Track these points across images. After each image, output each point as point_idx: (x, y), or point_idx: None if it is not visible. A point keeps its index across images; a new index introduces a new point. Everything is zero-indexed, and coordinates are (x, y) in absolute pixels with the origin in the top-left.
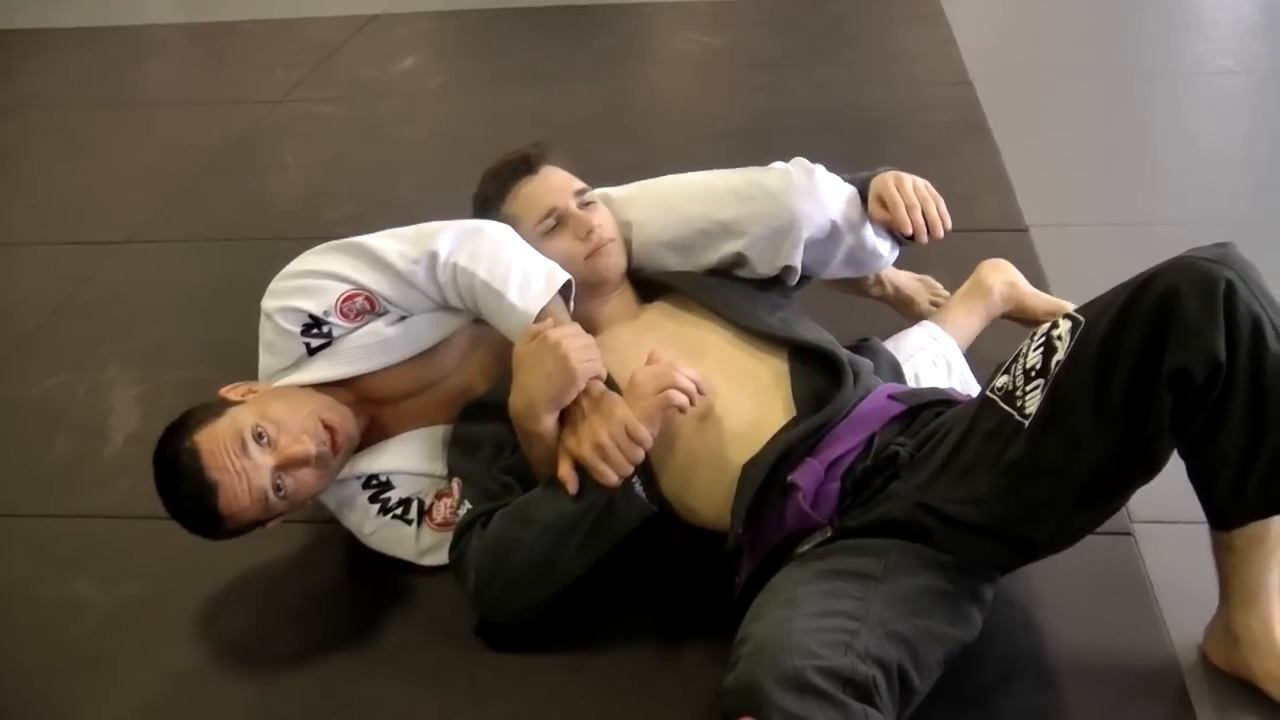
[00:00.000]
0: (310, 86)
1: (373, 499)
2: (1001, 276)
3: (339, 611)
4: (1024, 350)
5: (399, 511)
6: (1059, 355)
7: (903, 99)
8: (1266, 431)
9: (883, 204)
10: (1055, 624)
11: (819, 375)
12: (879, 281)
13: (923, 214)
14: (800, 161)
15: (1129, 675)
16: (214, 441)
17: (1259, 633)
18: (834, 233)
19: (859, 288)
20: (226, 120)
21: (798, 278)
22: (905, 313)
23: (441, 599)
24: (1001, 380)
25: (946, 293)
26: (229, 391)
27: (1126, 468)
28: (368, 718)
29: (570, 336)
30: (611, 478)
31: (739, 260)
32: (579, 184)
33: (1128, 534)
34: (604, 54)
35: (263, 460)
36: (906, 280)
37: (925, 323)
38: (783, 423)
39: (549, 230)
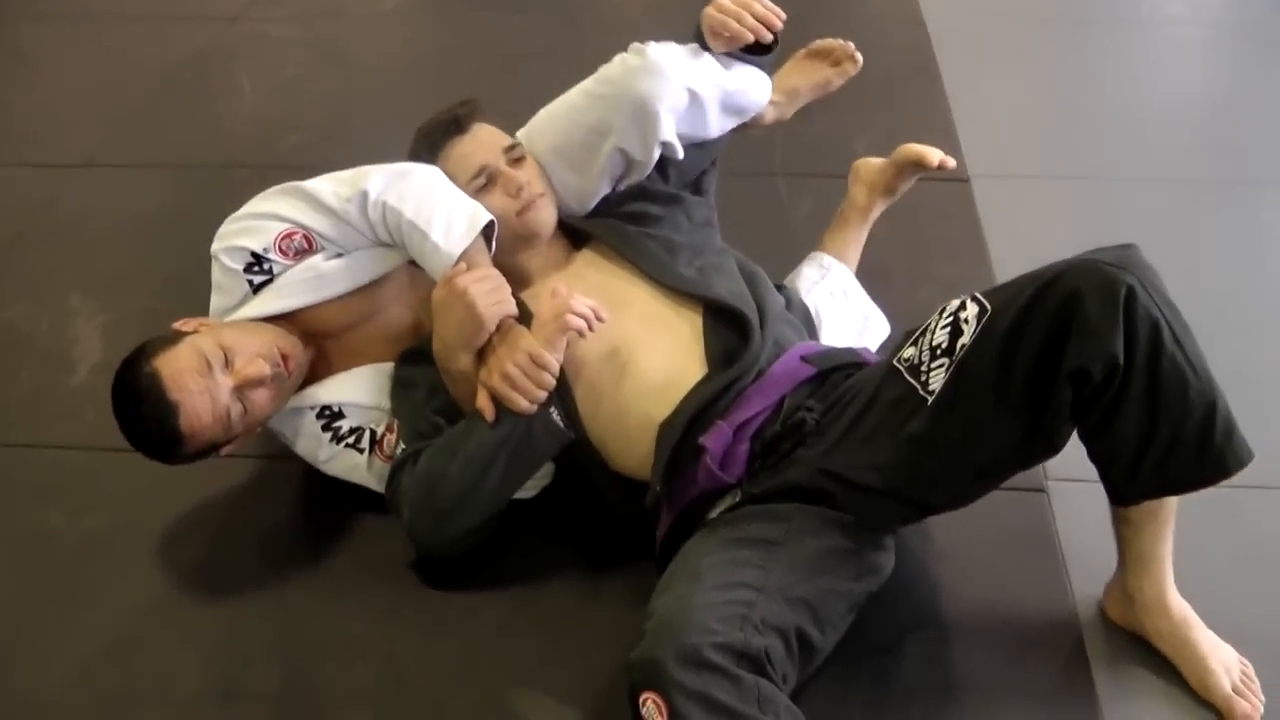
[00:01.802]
0: (265, 5)
1: (325, 428)
2: (856, 185)
3: (295, 547)
4: (932, 326)
5: (351, 440)
6: (964, 339)
7: (854, 38)
8: (1160, 424)
9: (715, 35)
10: (965, 576)
11: (730, 332)
12: (773, 104)
13: (753, 17)
14: (634, 45)
15: (1031, 626)
16: (174, 365)
17: (1151, 596)
18: (694, 98)
19: (757, 124)
20: (181, 38)
21: (678, 149)
22: (826, 94)
23: (390, 537)
24: (909, 352)
25: (842, 42)
26: (183, 325)
27: (1025, 449)
28: (324, 648)
29: (478, 281)
30: (521, 403)
31: (624, 160)
32: (508, 140)
33: (1041, 490)
34: None
35: (223, 380)
36: (799, 80)
37: (814, 254)
38: (697, 379)
39: (481, 188)
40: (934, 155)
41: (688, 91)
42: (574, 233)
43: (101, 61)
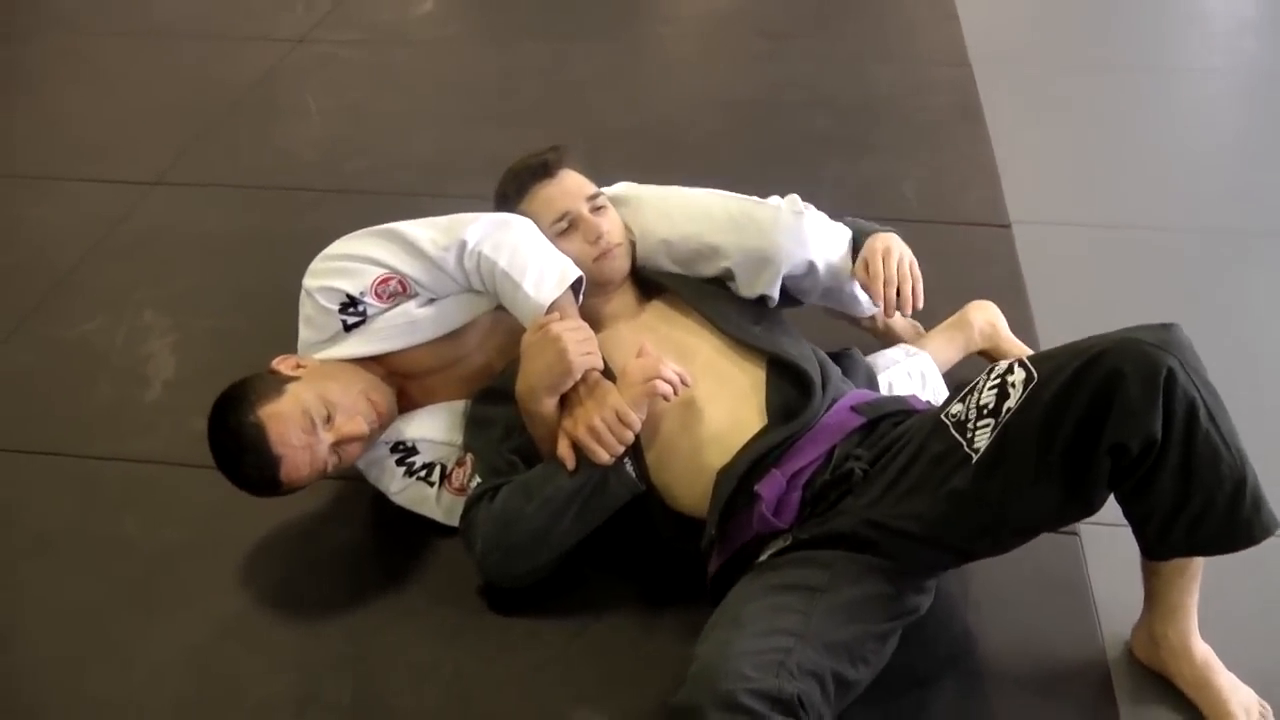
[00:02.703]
0: (330, 26)
1: (399, 462)
2: (984, 316)
3: (364, 566)
4: (980, 385)
5: (423, 474)
6: (1010, 403)
7: (902, 78)
8: (1193, 494)
9: (866, 269)
10: (1001, 614)
11: (791, 388)
12: (871, 317)
13: (898, 292)
14: (794, 200)
15: (1062, 663)
16: (279, 420)
17: (1176, 642)
18: (811, 271)
19: (849, 316)
20: (249, 57)
21: (775, 304)
22: (881, 339)
23: (455, 562)
24: (956, 408)
25: (919, 331)
26: (280, 364)
27: (1062, 509)
28: (393, 666)
29: (571, 330)
30: (603, 456)
31: (727, 275)
32: (592, 188)
33: (1074, 534)
34: (616, 9)
35: (325, 437)
36: (898, 321)
37: (904, 344)
38: (756, 429)
39: (562, 232)
40: None
41: (809, 264)
42: (645, 282)
43: (172, 79)
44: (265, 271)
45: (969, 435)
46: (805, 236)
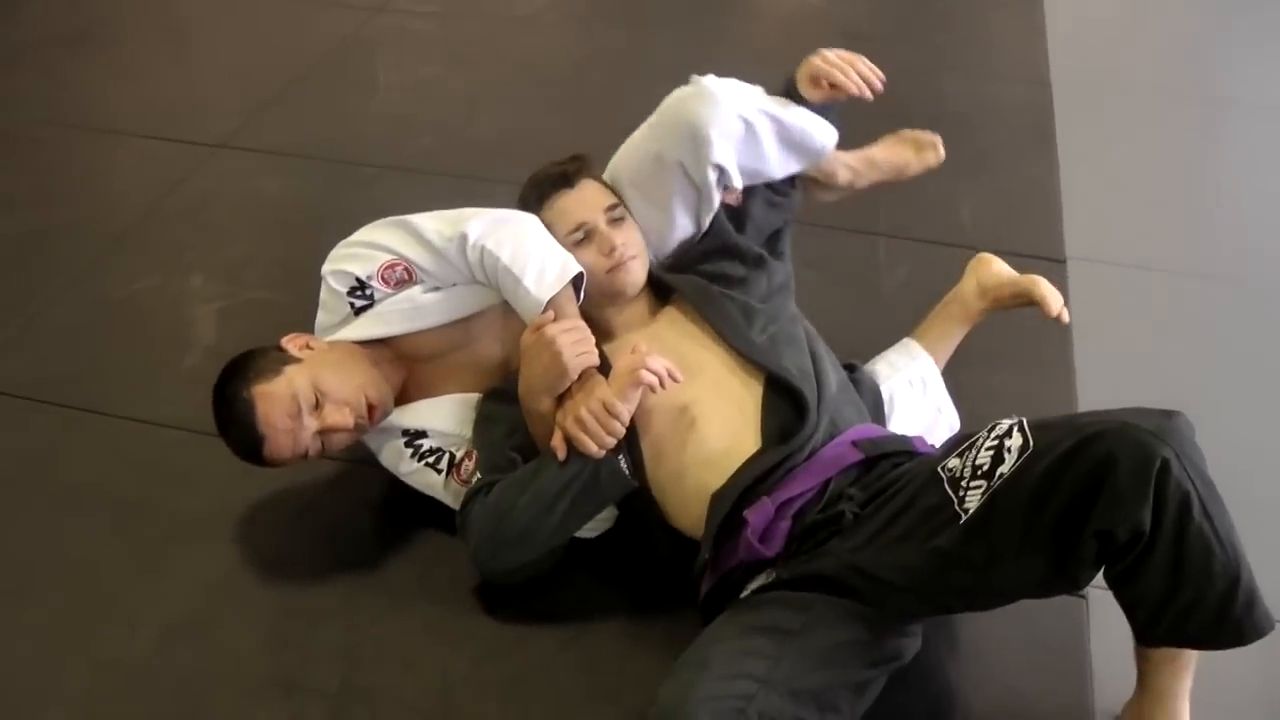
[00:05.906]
0: None
1: (407, 444)
2: (973, 277)
3: (369, 553)
4: (979, 442)
5: (431, 460)
6: (1003, 469)
7: (976, 94)
8: (1182, 587)
9: (815, 82)
10: (989, 673)
11: (788, 409)
12: (848, 166)
13: (856, 73)
14: (695, 77)
15: None
16: (269, 401)
17: None
18: (749, 126)
19: (831, 183)
20: (326, 23)
21: (736, 177)
22: (903, 177)
23: (456, 559)
24: (953, 463)
25: (931, 135)
26: (289, 342)
27: (1046, 583)
28: (382, 656)
29: (566, 332)
30: (591, 446)
31: (691, 186)
32: (610, 199)
33: (1082, 596)
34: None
35: (309, 423)
36: (879, 153)
37: (906, 340)
38: (751, 451)
39: (578, 242)
40: (1055, 306)
41: (740, 119)
42: (660, 287)
43: (246, 41)
44: (316, 245)
45: (961, 494)
46: (711, 92)
